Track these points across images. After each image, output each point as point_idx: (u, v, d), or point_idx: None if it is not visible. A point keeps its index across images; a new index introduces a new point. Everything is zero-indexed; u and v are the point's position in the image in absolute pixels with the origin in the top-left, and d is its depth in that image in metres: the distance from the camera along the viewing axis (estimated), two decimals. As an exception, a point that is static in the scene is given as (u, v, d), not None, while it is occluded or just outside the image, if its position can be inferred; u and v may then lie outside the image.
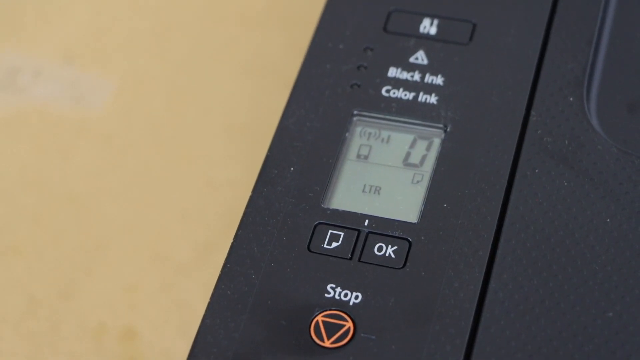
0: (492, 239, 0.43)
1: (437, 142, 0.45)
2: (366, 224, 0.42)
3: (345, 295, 0.41)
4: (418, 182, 0.44)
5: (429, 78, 0.47)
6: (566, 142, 0.46)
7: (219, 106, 0.63)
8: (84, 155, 0.69)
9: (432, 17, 0.50)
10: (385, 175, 0.45)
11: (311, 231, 0.43)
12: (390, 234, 0.42)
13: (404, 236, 0.42)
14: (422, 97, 0.46)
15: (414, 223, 0.42)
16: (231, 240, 0.45)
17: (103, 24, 0.78)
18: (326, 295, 0.41)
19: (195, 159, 0.60)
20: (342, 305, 0.40)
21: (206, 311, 0.42)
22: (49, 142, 0.70)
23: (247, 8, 0.70)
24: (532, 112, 0.47)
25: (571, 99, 0.47)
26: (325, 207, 0.44)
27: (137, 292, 0.67)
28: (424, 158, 0.45)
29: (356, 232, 0.42)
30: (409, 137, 0.46)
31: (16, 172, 0.69)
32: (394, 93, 0.47)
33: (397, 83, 0.47)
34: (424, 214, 0.43)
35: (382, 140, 0.46)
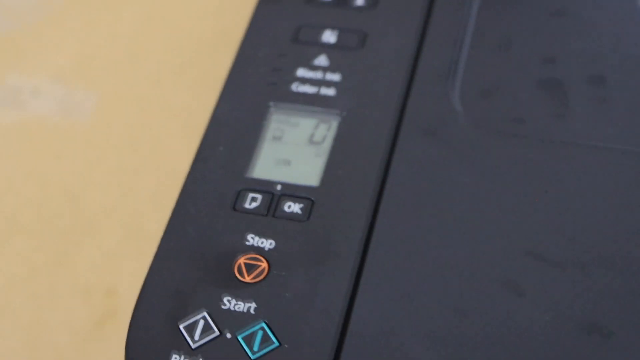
0: (376, 196, 0.45)
1: (334, 124, 0.47)
2: (279, 188, 0.44)
3: (262, 242, 0.42)
4: (319, 155, 0.46)
5: (329, 76, 0.49)
6: (434, 120, 0.48)
7: (177, 112, 0.64)
8: (73, 155, 0.70)
9: (332, 29, 0.52)
10: (295, 151, 0.46)
11: (236, 195, 0.44)
12: (297, 195, 0.44)
13: (308, 196, 0.44)
14: (323, 90, 0.48)
15: (316, 187, 0.44)
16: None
17: (87, 50, 0.78)
18: (247, 243, 0.42)
19: (161, 154, 0.61)
20: (259, 251, 0.42)
21: (154, 258, 0.44)
22: (45, 145, 0.71)
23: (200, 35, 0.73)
24: (409, 100, 0.48)
25: (439, 88, 0.49)
26: (247, 176, 0.45)
27: (117, 259, 0.69)
28: (324, 137, 0.46)
29: (271, 195, 0.44)
30: (313, 122, 0.47)
31: (20, 168, 0.70)
32: (302, 88, 0.48)
33: (304, 80, 0.49)
34: (323, 180, 0.45)
35: (292, 124, 0.48)
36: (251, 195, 0.44)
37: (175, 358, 0.40)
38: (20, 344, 0.62)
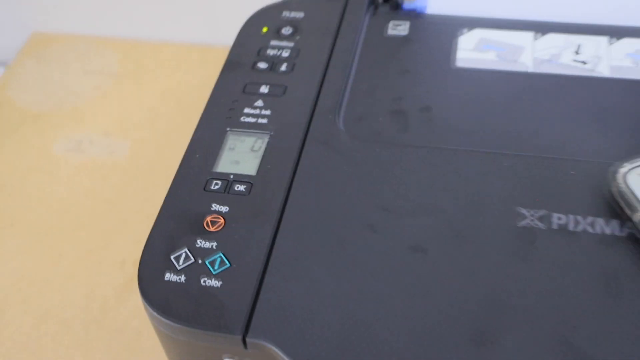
0: (290, 179, 0.51)
1: (266, 140, 0.53)
2: (232, 177, 0.51)
3: (221, 208, 0.49)
4: (257, 158, 0.52)
5: (263, 112, 0.55)
6: (326, 135, 0.53)
7: (179, 148, 0.64)
8: (114, 180, 0.76)
9: (266, 84, 0.58)
10: (242, 156, 0.52)
11: (205, 182, 0.51)
12: (242, 180, 0.51)
13: (249, 181, 0.50)
14: (260, 120, 0.55)
15: (254, 175, 0.51)
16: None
17: (123, 115, 0.82)
18: (211, 208, 0.49)
19: (170, 174, 0.63)
20: (219, 213, 0.49)
21: (155, 220, 0.50)
22: (97, 174, 0.77)
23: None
24: (311, 124, 0.54)
25: (329, 117, 0.55)
26: (213, 171, 0.52)
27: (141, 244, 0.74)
28: (260, 147, 0.52)
29: (227, 181, 0.51)
30: (253, 139, 0.53)
31: (81, 188, 0.76)
32: (247, 120, 0.55)
33: (248, 115, 0.55)
34: (258, 171, 0.51)
35: (241, 141, 0.54)
36: (215, 181, 0.51)
37: (167, 275, 0.46)
38: (83, 294, 0.67)
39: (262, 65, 0.60)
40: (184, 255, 0.47)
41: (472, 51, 0.59)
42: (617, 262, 0.44)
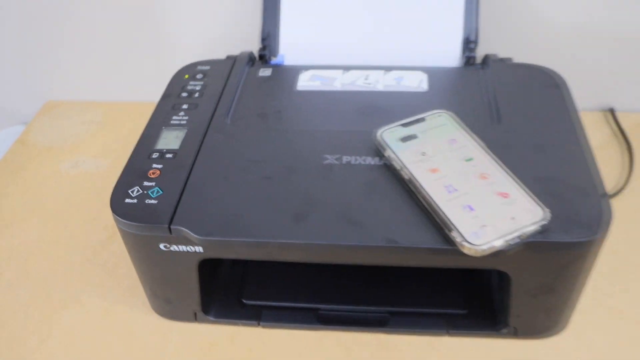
0: (198, 149, 0.54)
1: (185, 131, 0.56)
2: (165, 150, 0.54)
3: (158, 165, 0.52)
4: (180, 140, 0.55)
5: (184, 118, 0.59)
6: (220, 126, 0.57)
7: None
8: (99, 183, 0.76)
9: (185, 104, 0.61)
10: (171, 140, 0.56)
11: (150, 153, 0.54)
12: (170, 150, 0.54)
13: (175, 151, 0.54)
14: (181, 122, 0.58)
15: (177, 148, 0.54)
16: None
17: (105, 144, 0.83)
18: (152, 166, 0.52)
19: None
20: (157, 168, 0.53)
21: (121, 174, 0.53)
22: (88, 181, 0.77)
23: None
24: (211, 122, 0.57)
25: (222, 118, 0.58)
26: (154, 148, 0.55)
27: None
28: (181, 136, 0.56)
29: (161, 152, 0.54)
30: (177, 131, 0.56)
31: (77, 188, 0.75)
32: (174, 122, 0.58)
33: (174, 120, 0.58)
34: (181, 146, 0.54)
35: (171, 132, 0.57)
36: (155, 153, 0.54)
37: (127, 200, 0.50)
38: (81, 245, 0.67)
39: (184, 94, 0.62)
40: (136, 189, 0.51)
41: (306, 81, 0.63)
42: (376, 176, 0.50)
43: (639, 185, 0.69)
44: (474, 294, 0.57)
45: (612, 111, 0.81)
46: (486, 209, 0.46)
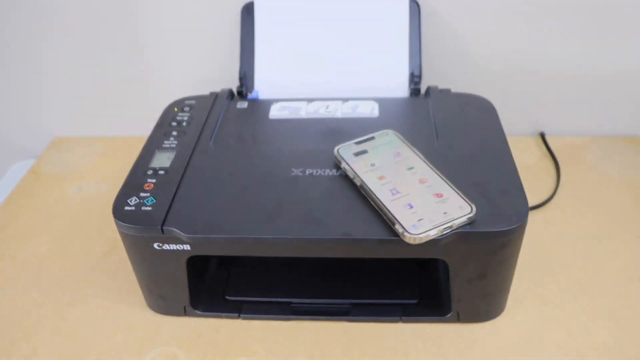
0: (185, 167, 0.58)
1: (175, 153, 0.59)
2: (157, 167, 0.57)
3: (152, 180, 0.56)
4: (170, 159, 0.59)
5: (173, 142, 0.62)
6: (205, 148, 0.60)
7: None
8: (100, 202, 0.79)
9: (175, 131, 0.64)
10: (163, 160, 0.59)
11: (146, 170, 0.57)
12: (162, 168, 0.58)
13: (166, 168, 0.57)
14: (172, 145, 0.61)
15: (168, 166, 0.58)
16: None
17: (104, 171, 0.85)
18: (147, 180, 0.56)
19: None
20: (151, 182, 0.56)
21: (122, 186, 0.56)
22: (90, 201, 0.79)
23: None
24: (196, 147, 0.61)
25: (206, 142, 0.61)
26: (149, 166, 0.57)
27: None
28: (171, 157, 0.59)
29: (154, 169, 0.57)
30: (168, 153, 0.60)
31: (82, 207, 0.78)
32: (165, 146, 0.61)
33: (165, 144, 0.61)
34: (171, 165, 0.58)
35: (163, 154, 0.60)
36: (149, 171, 0.58)
37: (126, 207, 0.53)
38: (86, 254, 0.70)
39: (174, 123, 0.65)
40: (134, 199, 0.54)
41: (277, 111, 0.67)
42: (334, 184, 0.54)
43: (565, 195, 0.75)
44: (425, 286, 0.62)
45: (542, 135, 0.87)
46: (423, 206, 0.51)
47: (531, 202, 0.70)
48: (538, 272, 0.64)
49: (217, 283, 0.64)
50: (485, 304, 0.58)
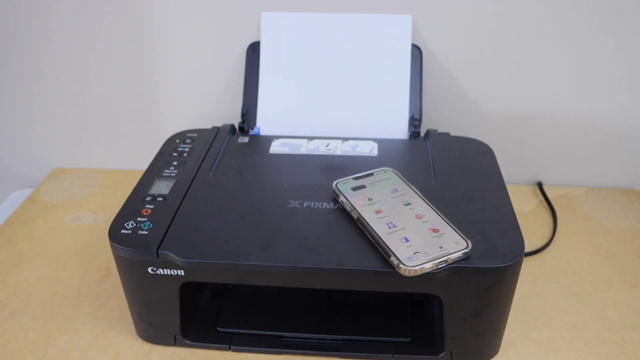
0: (184, 195, 0.59)
1: (174, 181, 0.61)
2: (156, 194, 0.59)
3: (150, 206, 0.57)
4: (169, 187, 0.60)
5: (174, 172, 0.63)
6: (206, 179, 0.62)
7: None
8: (97, 230, 0.79)
9: (175, 161, 0.65)
10: (162, 187, 0.60)
11: (144, 196, 0.58)
12: (161, 195, 0.59)
13: (165, 195, 0.58)
14: (172, 174, 0.63)
15: (167, 193, 0.59)
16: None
17: (102, 203, 0.86)
18: (145, 207, 0.57)
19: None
20: (150, 207, 0.57)
21: (118, 213, 0.57)
22: (87, 230, 0.80)
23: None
24: (195, 177, 0.62)
25: (206, 172, 0.63)
26: (149, 193, 0.59)
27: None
28: (170, 184, 0.61)
29: (153, 196, 0.59)
30: (167, 181, 0.61)
31: (79, 238, 0.78)
32: (165, 174, 0.62)
33: (165, 173, 0.63)
34: (170, 192, 0.59)
35: (163, 182, 0.61)
36: (148, 197, 0.59)
37: (123, 231, 0.54)
38: (79, 282, 0.70)
39: (174, 154, 0.67)
40: (131, 223, 0.55)
41: (277, 147, 0.68)
42: (331, 216, 0.55)
43: (561, 243, 0.76)
44: (418, 325, 0.62)
45: (539, 184, 0.89)
46: (419, 240, 0.52)
47: (527, 248, 0.72)
48: (533, 316, 0.65)
49: (209, 314, 0.63)
50: (479, 343, 0.58)
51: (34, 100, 0.86)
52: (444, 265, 0.49)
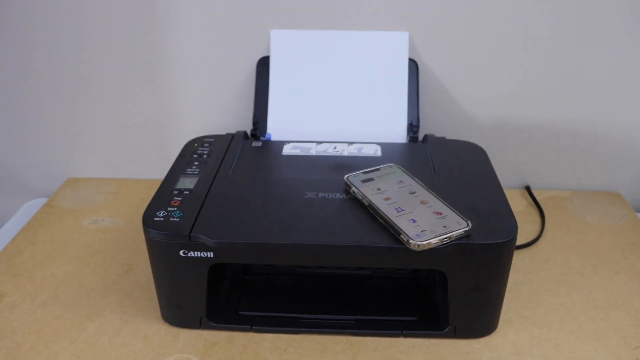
0: (208, 189, 0.63)
1: (197, 178, 0.65)
2: (183, 189, 0.63)
3: (178, 198, 0.62)
4: (194, 183, 0.64)
5: (195, 170, 0.68)
6: (225, 175, 0.66)
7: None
8: (114, 233, 0.83)
9: (196, 162, 0.70)
10: (187, 183, 0.65)
11: (171, 190, 0.63)
12: (187, 189, 0.63)
13: (190, 189, 0.63)
14: (195, 172, 0.67)
15: (192, 188, 0.63)
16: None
17: (117, 207, 0.89)
18: (174, 199, 0.62)
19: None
20: (178, 199, 0.62)
21: (149, 203, 0.61)
22: (106, 232, 0.84)
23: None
24: (218, 171, 0.67)
25: (226, 169, 0.67)
26: (175, 187, 0.63)
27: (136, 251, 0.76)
28: (194, 181, 0.65)
29: (180, 190, 0.63)
30: (191, 178, 0.65)
31: (98, 239, 0.83)
32: (188, 172, 0.67)
33: (188, 171, 0.68)
34: (195, 187, 0.64)
35: (187, 178, 0.66)
36: (175, 191, 0.63)
37: (155, 218, 0.58)
38: (103, 276, 0.75)
39: (195, 155, 0.71)
40: (162, 212, 0.60)
41: (289, 149, 0.73)
42: (344, 204, 0.61)
43: (550, 237, 0.83)
44: (423, 306, 0.68)
45: (528, 188, 0.96)
46: (425, 221, 0.58)
47: (519, 242, 0.79)
48: (526, 298, 0.71)
49: (231, 299, 0.69)
50: (479, 319, 0.64)
51: (47, 110, 0.88)
52: (448, 241, 0.56)
